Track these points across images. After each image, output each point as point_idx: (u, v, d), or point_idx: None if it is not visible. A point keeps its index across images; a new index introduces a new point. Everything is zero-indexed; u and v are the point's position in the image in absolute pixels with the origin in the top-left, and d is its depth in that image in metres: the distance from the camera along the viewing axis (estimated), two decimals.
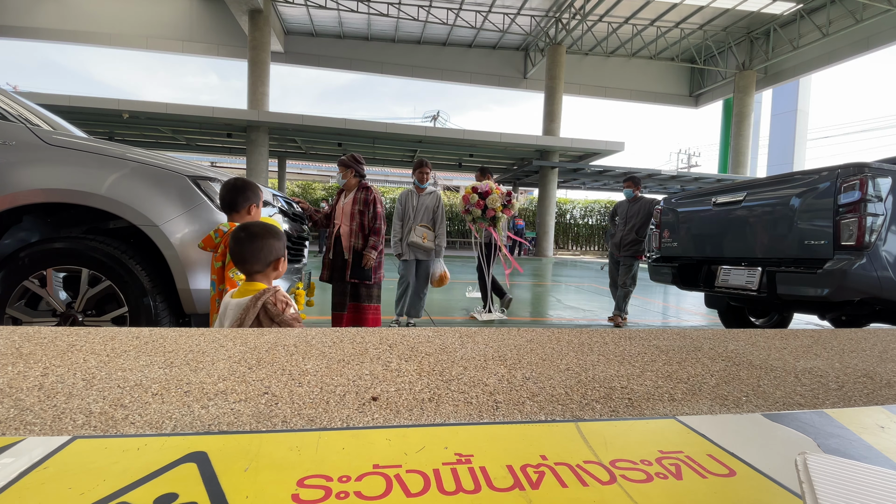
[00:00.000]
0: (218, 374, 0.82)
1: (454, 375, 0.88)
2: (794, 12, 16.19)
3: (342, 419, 0.67)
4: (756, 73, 18.59)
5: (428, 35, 19.43)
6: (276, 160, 19.67)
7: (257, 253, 1.47)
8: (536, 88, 20.69)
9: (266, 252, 1.49)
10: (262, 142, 14.75)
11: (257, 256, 1.48)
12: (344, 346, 1.03)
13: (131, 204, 1.91)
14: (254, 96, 15.17)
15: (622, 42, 18.78)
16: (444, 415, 0.71)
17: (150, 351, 0.93)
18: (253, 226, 1.53)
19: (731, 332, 1.41)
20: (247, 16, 15.07)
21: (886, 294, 2.39)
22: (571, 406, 0.77)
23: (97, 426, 0.62)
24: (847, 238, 2.38)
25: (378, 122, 14.89)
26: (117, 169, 1.95)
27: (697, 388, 0.88)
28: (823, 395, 0.89)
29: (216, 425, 0.63)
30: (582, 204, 23.86)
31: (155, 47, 18.52)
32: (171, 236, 1.94)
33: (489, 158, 19.10)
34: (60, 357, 0.87)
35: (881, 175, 2.39)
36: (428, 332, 1.20)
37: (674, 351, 1.14)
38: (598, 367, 0.98)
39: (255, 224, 1.56)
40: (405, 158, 20.11)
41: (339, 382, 0.81)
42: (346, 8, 16.57)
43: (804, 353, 1.19)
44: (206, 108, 13.88)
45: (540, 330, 1.29)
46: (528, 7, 16.93)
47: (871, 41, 15.01)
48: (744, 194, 3.03)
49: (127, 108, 13.22)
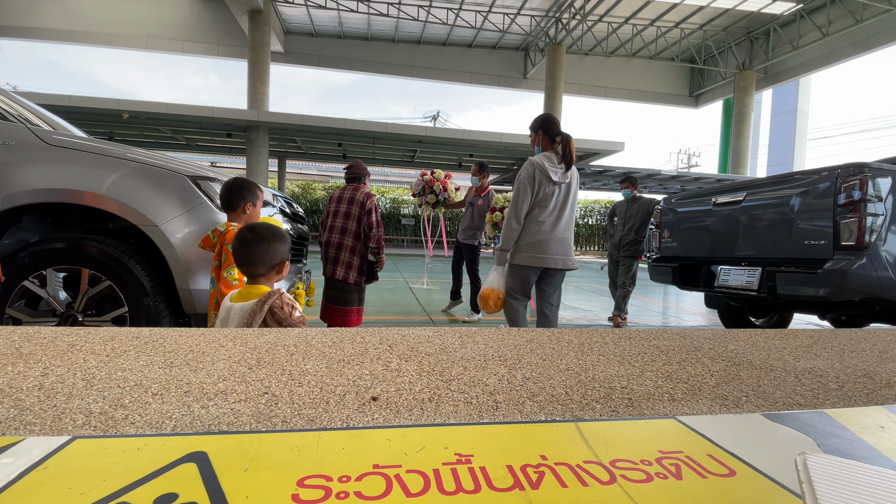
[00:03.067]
0: (218, 374, 0.82)
1: (454, 375, 0.88)
2: (794, 12, 16.19)
3: (342, 419, 0.67)
4: (756, 73, 18.59)
5: (428, 35, 19.43)
6: (276, 160, 19.66)
7: (263, 256, 1.46)
8: (536, 88, 20.69)
9: (272, 255, 1.47)
10: (262, 142, 14.74)
11: (262, 259, 1.46)
12: (344, 346, 1.03)
13: (131, 204, 1.91)
14: (254, 96, 15.17)
15: (622, 42, 18.78)
16: (444, 415, 0.71)
17: (150, 351, 0.93)
18: (260, 228, 1.50)
19: (731, 332, 1.41)
20: (247, 16, 15.07)
21: (886, 294, 2.39)
22: (571, 406, 0.77)
23: (97, 426, 0.62)
24: (847, 238, 2.39)
25: (378, 122, 14.89)
26: (117, 169, 1.95)
27: (697, 388, 0.88)
28: (823, 395, 0.89)
29: (216, 425, 0.63)
30: (582, 204, 23.84)
31: (155, 47, 18.52)
32: (171, 236, 1.94)
33: (489, 158, 19.07)
34: (60, 357, 0.87)
35: (881, 175, 2.39)
36: (428, 332, 1.20)
37: (674, 351, 1.14)
38: (598, 367, 0.98)
39: (261, 226, 1.53)
40: (405, 158, 20.09)
41: (339, 382, 0.81)
42: (346, 8, 16.57)
43: (804, 353, 1.19)
44: (206, 108, 13.87)
45: (540, 330, 1.29)
46: (528, 7, 16.93)
47: (871, 41, 15.01)
48: (744, 194, 3.03)
49: (127, 108, 13.21)
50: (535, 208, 2.37)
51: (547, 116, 2.51)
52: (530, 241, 2.36)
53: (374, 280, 3.10)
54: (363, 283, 3.03)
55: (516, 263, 2.41)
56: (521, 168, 2.42)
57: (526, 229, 2.38)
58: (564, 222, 2.41)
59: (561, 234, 2.40)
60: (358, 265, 2.96)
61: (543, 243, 2.36)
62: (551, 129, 2.48)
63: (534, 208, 2.37)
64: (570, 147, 2.42)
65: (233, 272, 1.72)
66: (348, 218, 2.96)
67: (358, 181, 3.15)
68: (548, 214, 2.38)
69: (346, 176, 3.18)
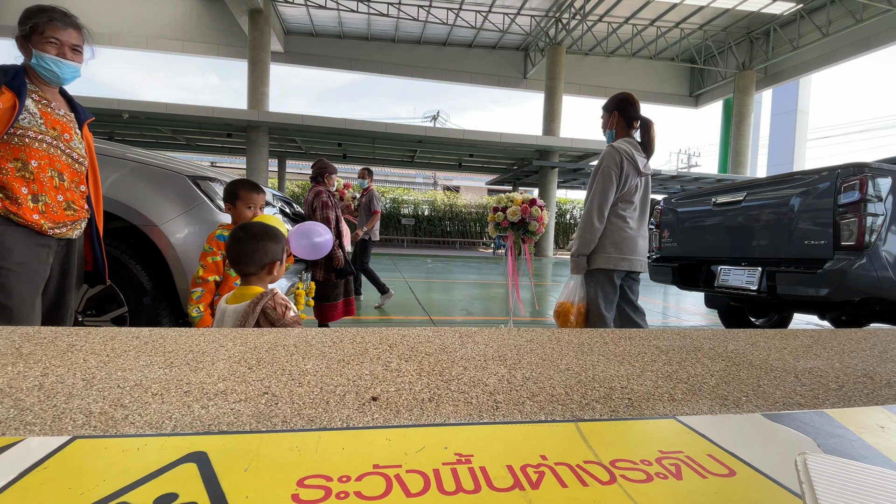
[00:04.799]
0: (218, 374, 0.82)
1: (454, 375, 0.88)
2: (794, 12, 16.19)
3: (342, 419, 0.67)
4: (756, 73, 18.60)
5: (428, 35, 19.43)
6: (276, 160, 19.67)
7: (252, 255, 1.45)
8: (536, 88, 20.69)
9: (261, 254, 1.46)
10: (262, 142, 14.74)
11: (252, 258, 1.45)
12: (344, 346, 1.03)
13: (131, 204, 1.92)
14: (254, 96, 15.17)
15: (622, 42, 18.78)
16: (444, 415, 0.71)
17: (150, 351, 0.93)
18: (252, 226, 1.50)
19: (731, 332, 1.41)
20: (247, 16, 15.07)
21: (886, 294, 2.39)
22: (571, 406, 0.77)
23: (97, 426, 0.62)
24: (847, 238, 2.39)
25: (378, 122, 14.89)
26: (117, 169, 1.95)
27: (697, 388, 0.88)
28: (823, 395, 0.89)
29: (216, 425, 0.63)
30: (582, 204, 23.85)
31: (155, 47, 18.52)
32: (170, 236, 1.94)
33: (489, 158, 19.10)
34: (60, 357, 0.87)
35: (881, 175, 2.39)
36: (428, 332, 1.20)
37: (674, 351, 1.14)
38: (598, 367, 0.98)
39: (254, 224, 1.53)
40: (405, 158, 20.10)
41: (339, 382, 0.81)
42: (346, 8, 16.57)
43: (804, 353, 1.19)
44: (206, 108, 13.88)
45: (540, 330, 1.29)
46: (528, 7, 16.93)
47: (871, 41, 15.01)
48: (744, 194, 3.03)
49: (127, 108, 13.22)
50: (619, 202, 2.07)
51: (626, 96, 2.17)
52: (616, 240, 2.05)
53: (347, 275, 3.25)
54: (333, 279, 3.21)
55: (601, 267, 2.06)
56: (603, 156, 2.11)
57: (608, 226, 2.07)
58: (646, 219, 2.16)
59: (645, 232, 2.13)
60: (322, 262, 3.15)
61: (632, 241, 2.06)
62: (630, 111, 2.15)
63: (616, 202, 2.07)
64: (650, 133, 2.11)
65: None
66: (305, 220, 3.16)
67: (316, 181, 3.32)
68: (633, 210, 2.09)
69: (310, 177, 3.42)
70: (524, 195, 3.41)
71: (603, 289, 2.07)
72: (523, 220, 3.32)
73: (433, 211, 21.29)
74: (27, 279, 1.49)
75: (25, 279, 1.48)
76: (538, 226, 3.31)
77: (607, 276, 2.07)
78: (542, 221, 3.31)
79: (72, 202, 1.60)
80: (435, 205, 21.37)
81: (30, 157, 1.47)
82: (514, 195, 3.41)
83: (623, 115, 2.15)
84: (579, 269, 2.10)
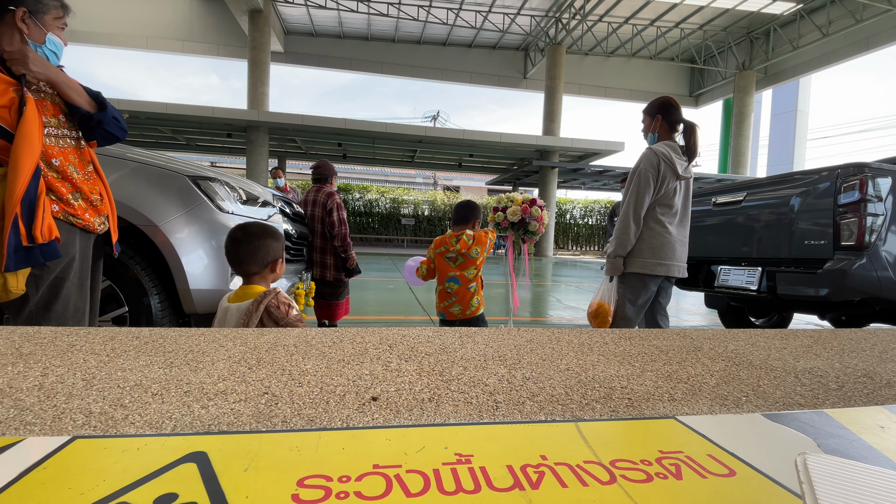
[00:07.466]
0: (218, 374, 0.82)
1: (454, 375, 0.88)
2: (794, 12, 16.20)
3: (342, 419, 0.67)
4: (756, 73, 18.60)
5: (428, 35, 19.43)
6: (276, 160, 19.67)
7: (254, 254, 1.45)
8: (536, 88, 20.70)
9: (263, 253, 1.46)
10: (262, 142, 14.75)
11: (254, 257, 1.45)
12: (344, 346, 1.03)
13: (131, 204, 1.91)
14: (254, 96, 15.18)
15: (622, 42, 18.79)
16: (444, 415, 0.71)
17: (150, 351, 0.93)
18: (251, 226, 1.50)
19: (731, 332, 1.41)
20: (247, 16, 15.08)
21: (886, 294, 2.39)
22: (571, 406, 0.77)
23: (97, 426, 0.62)
24: (847, 238, 2.39)
25: (378, 122, 14.90)
26: (117, 169, 1.95)
27: (697, 388, 0.88)
28: (823, 395, 0.89)
29: (216, 425, 0.63)
30: (582, 204, 23.86)
31: (155, 47, 18.53)
32: (170, 236, 1.93)
33: (489, 158, 19.11)
34: (60, 357, 0.87)
35: (881, 175, 2.39)
36: (428, 332, 1.20)
37: (674, 351, 1.14)
38: (598, 367, 0.98)
39: (253, 224, 1.52)
40: (405, 158, 20.11)
41: (339, 382, 0.81)
42: (346, 8, 16.58)
43: (804, 353, 1.19)
44: (206, 108, 13.89)
45: (540, 330, 1.29)
46: (528, 7, 16.93)
47: (871, 41, 15.02)
48: (744, 194, 3.03)
49: (127, 108, 13.22)
50: (657, 206, 2.06)
51: (668, 100, 2.15)
52: (654, 245, 2.05)
53: (355, 274, 3.21)
54: (344, 279, 3.17)
55: (637, 272, 2.06)
56: (640, 158, 2.09)
57: (646, 231, 2.06)
58: (687, 224, 2.14)
59: (685, 238, 2.12)
60: (333, 263, 3.11)
61: (670, 247, 2.04)
62: (673, 115, 2.13)
63: (654, 206, 2.07)
64: (694, 137, 2.09)
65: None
66: (313, 220, 3.09)
67: (323, 182, 3.27)
68: (672, 214, 2.07)
69: (313, 177, 3.30)
70: (524, 195, 3.39)
71: (634, 292, 2.08)
72: (523, 220, 3.31)
73: (433, 211, 21.27)
74: (80, 287, 1.46)
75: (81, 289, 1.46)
76: (538, 226, 3.30)
77: (642, 281, 2.07)
78: (542, 221, 3.30)
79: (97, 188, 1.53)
80: (435, 205, 21.36)
81: (49, 157, 1.37)
82: (515, 195, 3.39)
83: (666, 118, 2.14)
84: (615, 270, 2.12)
